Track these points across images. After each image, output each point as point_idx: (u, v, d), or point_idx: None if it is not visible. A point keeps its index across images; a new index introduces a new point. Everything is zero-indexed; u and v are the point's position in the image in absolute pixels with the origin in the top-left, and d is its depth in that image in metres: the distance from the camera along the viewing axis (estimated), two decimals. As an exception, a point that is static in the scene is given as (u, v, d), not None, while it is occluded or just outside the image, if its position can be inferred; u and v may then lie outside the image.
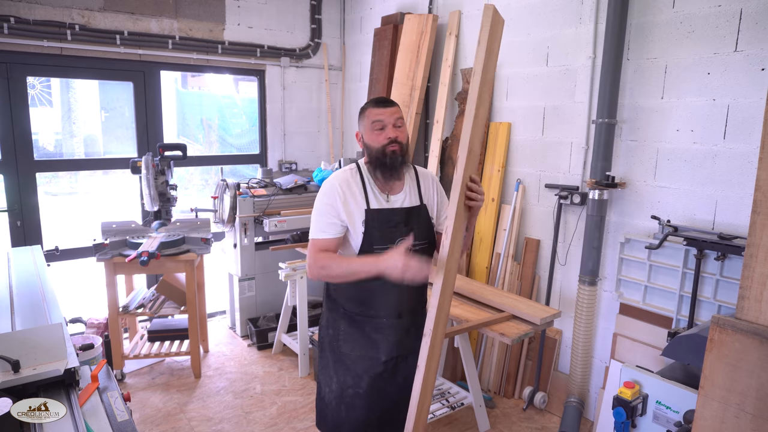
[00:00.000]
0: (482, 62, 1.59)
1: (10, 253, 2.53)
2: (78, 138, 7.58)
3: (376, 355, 1.87)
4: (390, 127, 1.78)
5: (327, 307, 1.97)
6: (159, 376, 3.47)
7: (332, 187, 1.80)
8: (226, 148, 7.24)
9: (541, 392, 3.10)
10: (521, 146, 3.26)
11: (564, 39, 2.96)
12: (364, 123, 1.82)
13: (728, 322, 1.29)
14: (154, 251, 3.11)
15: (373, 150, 1.80)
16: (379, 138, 1.78)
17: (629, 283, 2.73)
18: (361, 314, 1.87)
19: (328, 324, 1.95)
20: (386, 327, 1.86)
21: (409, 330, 1.90)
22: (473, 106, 1.61)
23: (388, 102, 1.82)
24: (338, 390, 1.91)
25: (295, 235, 3.75)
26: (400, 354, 1.89)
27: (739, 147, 2.30)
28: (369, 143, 1.81)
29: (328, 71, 4.76)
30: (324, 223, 1.78)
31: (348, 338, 1.89)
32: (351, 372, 1.88)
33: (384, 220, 1.79)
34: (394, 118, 1.79)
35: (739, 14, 2.26)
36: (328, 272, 1.74)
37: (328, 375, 1.94)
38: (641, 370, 2.13)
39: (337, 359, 1.91)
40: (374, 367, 1.87)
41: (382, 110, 1.79)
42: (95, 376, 1.50)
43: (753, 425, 1.26)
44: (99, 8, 3.63)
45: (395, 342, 1.87)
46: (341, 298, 1.90)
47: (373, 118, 1.79)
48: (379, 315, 1.85)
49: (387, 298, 1.83)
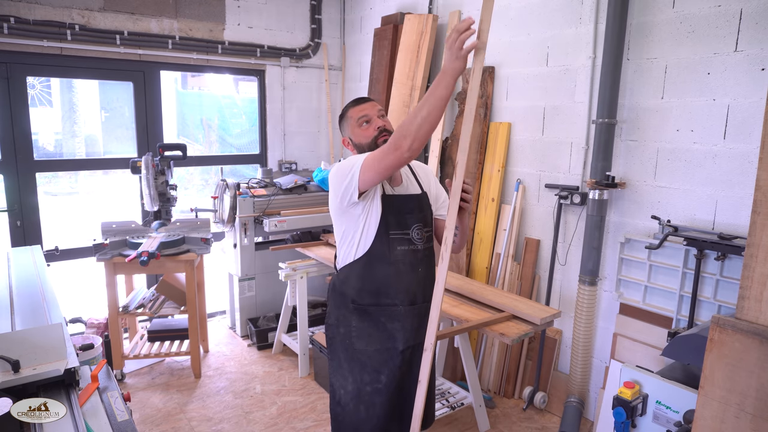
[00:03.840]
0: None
1: (10, 253, 2.53)
2: (78, 138, 7.58)
3: (394, 345, 1.81)
4: (375, 118, 1.82)
5: (334, 304, 1.89)
6: (159, 376, 3.47)
7: (357, 157, 1.71)
8: (226, 148, 7.24)
9: (541, 392, 3.10)
10: (521, 146, 3.26)
11: (564, 39, 2.96)
12: (349, 124, 1.86)
13: (728, 322, 1.29)
14: (154, 251, 3.11)
15: (365, 146, 1.82)
16: (368, 132, 1.81)
17: (629, 283, 2.73)
18: (374, 304, 1.81)
19: (338, 322, 1.88)
20: (402, 314, 1.80)
21: (424, 316, 1.81)
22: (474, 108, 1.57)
23: (365, 98, 1.88)
24: (355, 390, 1.84)
25: (295, 235, 3.75)
26: (418, 342, 1.83)
27: (739, 147, 2.30)
28: (359, 141, 1.84)
29: (328, 71, 4.76)
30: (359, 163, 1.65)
31: (361, 333, 1.83)
32: (368, 368, 1.82)
33: (398, 205, 1.79)
34: (376, 110, 1.83)
35: (739, 14, 2.26)
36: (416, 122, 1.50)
37: (342, 376, 1.87)
38: (641, 370, 2.13)
39: (351, 357, 1.85)
40: (392, 359, 1.81)
41: (363, 105, 1.84)
42: (95, 376, 1.50)
43: (753, 425, 1.26)
44: (99, 8, 3.63)
45: (412, 329, 1.82)
46: (351, 290, 1.82)
47: (357, 115, 1.83)
48: (394, 303, 1.80)
49: (400, 283, 1.79)
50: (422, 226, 1.84)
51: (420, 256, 1.83)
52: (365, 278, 1.79)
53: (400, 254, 1.78)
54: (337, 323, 1.88)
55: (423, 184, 1.92)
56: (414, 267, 1.81)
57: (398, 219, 1.78)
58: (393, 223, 1.77)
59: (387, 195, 1.78)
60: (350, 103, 1.88)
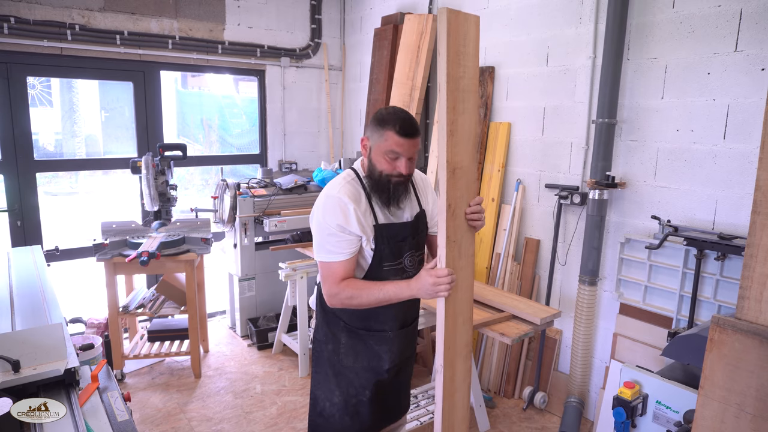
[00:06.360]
0: (446, 71, 1.43)
1: (10, 253, 2.53)
2: (78, 138, 7.58)
3: (380, 365, 1.82)
4: (404, 161, 1.63)
5: (323, 321, 1.86)
6: (159, 376, 3.47)
7: (339, 203, 1.63)
8: (226, 148, 7.24)
9: (541, 392, 3.10)
10: (521, 146, 3.26)
11: (564, 39, 2.96)
12: (379, 142, 1.64)
13: (728, 322, 1.29)
14: (154, 251, 3.11)
15: (376, 172, 1.66)
16: (388, 167, 1.64)
17: (629, 283, 2.73)
18: (364, 329, 1.80)
19: (327, 338, 1.85)
20: (390, 339, 1.81)
21: (412, 337, 1.89)
22: (445, 122, 1.45)
23: (413, 132, 1.63)
24: (342, 402, 1.85)
25: (295, 235, 3.75)
26: (402, 359, 1.88)
27: (739, 147, 2.30)
28: (375, 163, 1.66)
29: (328, 71, 4.76)
30: (335, 243, 1.63)
31: (349, 351, 1.82)
32: (354, 383, 1.83)
33: (392, 235, 1.70)
34: (412, 151, 1.64)
35: (739, 14, 2.26)
36: (357, 302, 1.64)
37: (328, 389, 1.87)
38: (641, 370, 2.13)
39: (338, 372, 1.84)
40: (378, 376, 1.83)
41: (405, 142, 1.61)
42: (95, 376, 1.50)
43: (753, 425, 1.26)
44: (99, 8, 3.63)
45: (398, 351, 1.84)
46: (342, 313, 1.80)
47: (392, 147, 1.61)
48: (383, 329, 1.79)
49: (391, 312, 1.78)
50: (415, 251, 1.80)
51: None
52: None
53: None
54: (326, 339, 1.85)
55: (422, 200, 1.83)
56: None
57: (392, 248, 1.71)
58: (387, 254, 1.71)
59: (381, 224, 1.69)
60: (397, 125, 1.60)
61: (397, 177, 1.65)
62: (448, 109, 1.45)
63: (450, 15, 1.39)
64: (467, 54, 1.49)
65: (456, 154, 1.49)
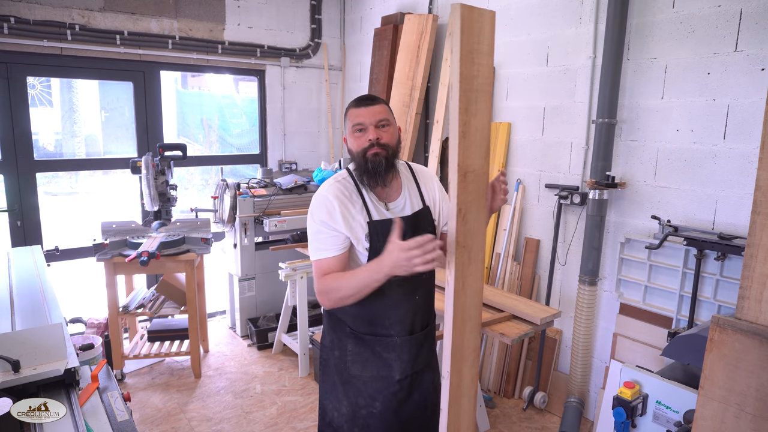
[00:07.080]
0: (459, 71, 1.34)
1: (10, 253, 2.53)
2: (78, 138, 7.58)
3: (390, 374, 1.69)
4: (371, 128, 1.59)
5: (330, 326, 1.77)
6: (159, 376, 3.47)
7: (324, 201, 1.61)
8: (226, 148, 7.24)
9: (541, 392, 3.10)
10: (521, 146, 3.26)
11: (564, 39, 2.96)
12: (347, 125, 1.65)
13: (728, 322, 1.29)
14: (154, 251, 3.11)
15: (354, 155, 1.62)
16: (359, 141, 1.60)
17: (629, 283, 2.73)
18: (370, 334, 1.68)
19: (333, 345, 1.75)
20: (398, 345, 1.68)
21: (423, 345, 1.74)
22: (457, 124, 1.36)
23: (370, 100, 1.61)
24: (350, 413, 1.72)
25: (295, 235, 3.75)
26: (415, 371, 1.73)
27: (739, 147, 2.30)
28: (351, 148, 1.64)
29: (328, 71, 4.76)
30: (322, 240, 1.60)
31: (357, 359, 1.70)
32: (363, 393, 1.71)
33: (388, 231, 1.56)
34: (376, 118, 1.59)
35: (739, 14, 2.26)
36: (338, 295, 1.55)
37: (336, 398, 1.76)
38: (641, 370, 2.13)
39: (346, 381, 1.73)
40: (388, 387, 1.69)
41: (362, 110, 1.59)
42: (95, 376, 1.50)
43: (753, 425, 1.26)
44: (99, 8, 3.63)
45: (409, 360, 1.70)
46: (346, 317, 1.71)
47: (353, 120, 1.61)
48: (390, 334, 1.67)
49: (396, 315, 1.67)
50: None
51: (417, 282, 1.67)
52: (358, 308, 1.64)
53: (395, 283, 1.57)
54: (332, 346, 1.76)
55: (426, 196, 1.73)
56: (411, 295, 1.67)
57: None
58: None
59: (375, 221, 1.60)
60: (353, 101, 1.65)
61: (372, 148, 1.59)
62: (460, 110, 1.37)
63: (464, 10, 1.32)
64: (481, 52, 1.42)
65: (468, 157, 1.42)
